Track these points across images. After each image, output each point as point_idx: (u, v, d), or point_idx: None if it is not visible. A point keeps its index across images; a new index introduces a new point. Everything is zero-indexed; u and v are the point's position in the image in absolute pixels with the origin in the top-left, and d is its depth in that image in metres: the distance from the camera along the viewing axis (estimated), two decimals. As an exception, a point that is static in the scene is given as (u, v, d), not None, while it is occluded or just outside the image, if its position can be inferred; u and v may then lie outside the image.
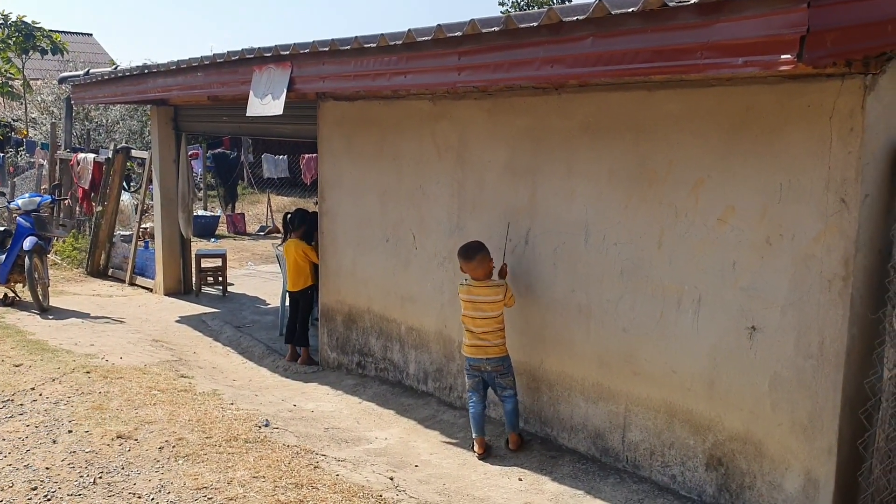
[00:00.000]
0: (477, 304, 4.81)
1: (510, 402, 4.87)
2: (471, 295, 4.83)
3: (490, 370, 4.83)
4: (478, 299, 4.81)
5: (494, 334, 4.81)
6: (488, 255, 4.84)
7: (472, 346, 4.84)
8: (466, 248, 4.88)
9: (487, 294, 4.80)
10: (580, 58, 3.48)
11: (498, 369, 4.82)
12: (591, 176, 4.50)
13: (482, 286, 4.81)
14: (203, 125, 9.61)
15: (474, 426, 4.88)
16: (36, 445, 4.59)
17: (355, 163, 6.41)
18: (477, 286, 4.82)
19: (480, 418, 4.88)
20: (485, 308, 4.80)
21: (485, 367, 4.83)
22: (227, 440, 4.75)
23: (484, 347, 4.81)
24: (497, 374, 4.83)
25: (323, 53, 5.04)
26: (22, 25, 17.96)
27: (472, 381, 4.91)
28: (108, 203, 11.02)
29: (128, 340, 7.46)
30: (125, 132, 18.70)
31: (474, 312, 4.82)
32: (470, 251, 4.85)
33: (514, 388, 4.88)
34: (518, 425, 4.92)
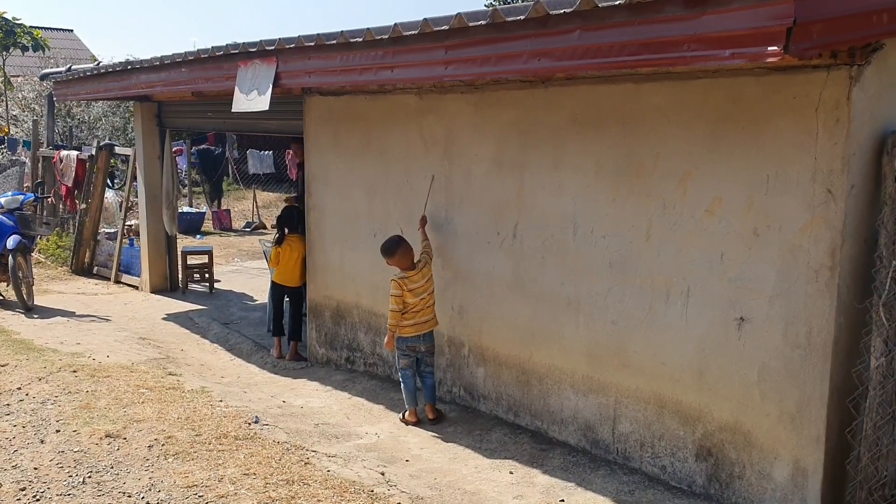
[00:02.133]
0: (418, 287, 5.21)
1: (431, 378, 5.38)
2: (412, 284, 5.20)
3: (424, 350, 5.32)
4: (418, 284, 5.21)
5: (430, 310, 5.31)
6: (408, 246, 5.28)
7: (415, 325, 5.25)
8: (388, 246, 5.32)
9: (424, 277, 5.25)
10: (568, 51, 3.48)
11: (430, 349, 5.34)
12: (579, 169, 4.50)
13: (415, 273, 5.23)
14: (187, 121, 9.55)
15: (409, 399, 5.37)
16: (24, 445, 4.55)
17: (342, 158, 6.39)
18: (411, 275, 5.22)
19: (415, 392, 5.38)
20: (425, 287, 5.24)
21: (419, 347, 5.30)
22: (216, 437, 4.73)
23: (426, 322, 5.28)
24: (428, 353, 5.35)
25: (308, 48, 5.02)
26: (3, 22, 17.73)
27: (408, 361, 5.34)
28: (93, 200, 10.93)
29: (114, 339, 7.42)
30: (108, 129, 18.56)
31: (419, 295, 5.22)
32: (392, 247, 5.29)
33: (433, 365, 5.42)
34: (436, 398, 5.43)
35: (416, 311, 5.22)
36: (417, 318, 5.24)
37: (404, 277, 5.19)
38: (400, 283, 5.18)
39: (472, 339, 5.36)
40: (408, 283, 5.18)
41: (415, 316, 5.23)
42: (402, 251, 5.24)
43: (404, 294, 5.17)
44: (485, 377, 5.28)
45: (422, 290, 5.22)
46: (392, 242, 5.30)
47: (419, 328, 5.25)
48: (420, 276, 5.22)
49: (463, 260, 5.37)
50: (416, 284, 5.19)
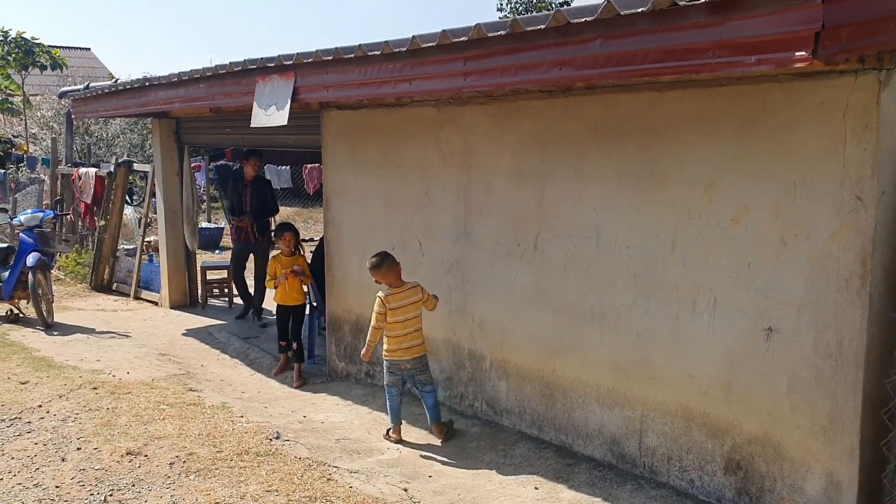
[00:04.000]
0: (402, 307, 5.12)
1: (431, 398, 5.22)
2: (395, 302, 5.11)
3: (409, 368, 5.19)
4: (403, 303, 5.12)
5: (417, 334, 5.18)
6: (392, 264, 5.15)
7: (398, 349, 5.17)
8: (372, 261, 5.20)
9: (409, 296, 5.14)
10: (589, 59, 3.43)
11: (416, 367, 5.20)
12: (601, 179, 4.46)
13: (400, 292, 5.14)
14: (205, 137, 9.58)
15: (393, 417, 5.32)
16: (45, 463, 4.54)
17: (359, 171, 6.37)
18: (396, 292, 5.14)
19: (399, 409, 5.33)
20: (410, 309, 5.14)
21: (404, 367, 5.19)
22: (238, 454, 4.70)
23: (408, 349, 5.16)
24: (416, 371, 5.21)
25: (327, 62, 5.01)
26: (22, 41, 17.93)
27: (393, 378, 5.27)
28: (111, 217, 10.99)
29: (134, 355, 7.41)
30: (126, 146, 18.68)
31: (402, 315, 5.12)
32: (376, 262, 5.18)
33: (432, 382, 5.28)
34: (440, 417, 5.26)
35: (401, 335, 5.12)
36: (403, 342, 5.13)
37: (388, 294, 5.11)
38: (383, 300, 5.10)
39: (493, 353, 5.31)
40: (391, 300, 5.09)
41: (401, 340, 5.13)
42: (386, 266, 5.13)
43: (386, 312, 5.09)
44: (507, 391, 5.22)
45: (405, 310, 5.11)
46: (376, 257, 5.20)
47: (405, 353, 5.16)
48: (405, 295, 5.11)
49: (483, 272, 5.33)
50: (399, 303, 5.09)
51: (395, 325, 5.11)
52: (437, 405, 5.26)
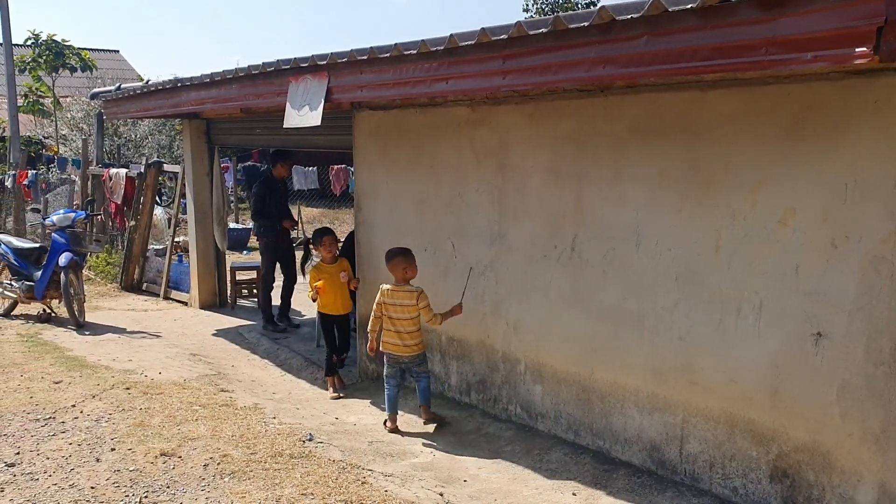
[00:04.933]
0: (396, 305, 5.36)
1: (424, 381, 5.49)
2: (391, 297, 5.38)
3: (406, 362, 5.43)
4: (396, 302, 5.36)
5: (412, 334, 5.38)
6: (405, 263, 5.37)
7: (393, 344, 5.41)
8: (388, 252, 5.49)
9: (402, 297, 5.35)
10: (634, 57, 3.35)
11: (413, 362, 5.45)
12: (642, 180, 4.37)
13: (399, 290, 5.37)
14: (236, 138, 9.59)
15: (389, 407, 5.48)
16: (80, 464, 4.53)
17: (391, 172, 6.33)
18: (395, 289, 5.39)
19: (395, 400, 5.50)
20: (402, 310, 5.34)
21: (402, 361, 5.43)
22: (272, 456, 4.67)
23: (403, 346, 5.38)
24: (413, 364, 5.45)
25: (361, 62, 4.95)
26: (52, 44, 18.18)
27: (392, 370, 5.48)
28: (141, 217, 11.04)
29: (165, 355, 7.43)
30: (154, 147, 18.84)
31: (395, 313, 5.36)
32: (388, 255, 5.46)
33: (427, 372, 5.54)
34: (429, 402, 5.51)
35: (392, 331, 5.37)
36: (397, 338, 5.37)
37: (389, 288, 5.40)
38: (382, 291, 5.43)
39: (528, 356, 5.24)
40: (388, 294, 5.38)
41: (394, 336, 5.38)
42: (396, 261, 5.38)
43: (383, 305, 5.39)
44: (542, 395, 5.15)
45: (396, 309, 5.34)
46: (392, 251, 5.46)
47: (398, 349, 5.39)
48: (405, 295, 5.32)
49: (518, 274, 5.25)
50: (396, 301, 5.34)
51: (389, 321, 5.39)
52: (429, 390, 5.52)
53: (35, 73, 18.75)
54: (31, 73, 18.75)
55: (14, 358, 6.93)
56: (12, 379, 6.26)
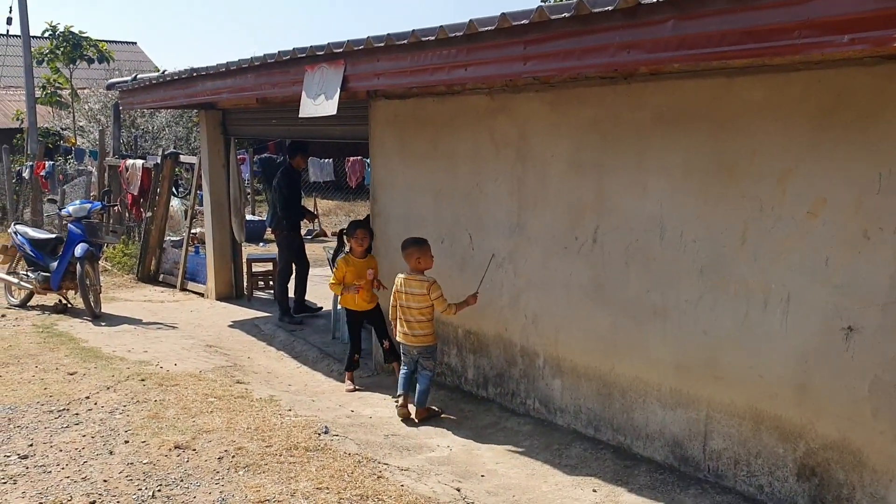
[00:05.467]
0: (408, 294, 5.36)
1: (424, 382, 5.42)
2: (405, 286, 5.38)
3: (416, 353, 5.44)
4: (407, 290, 5.35)
5: (421, 324, 5.38)
6: (418, 253, 5.33)
7: (403, 333, 5.45)
8: (404, 242, 5.48)
9: (414, 286, 5.33)
10: (660, 42, 3.24)
11: (423, 353, 5.44)
12: (666, 169, 4.26)
13: (412, 279, 5.36)
14: (252, 129, 9.53)
15: (401, 386, 5.51)
16: (93, 456, 4.49)
17: (408, 162, 6.24)
18: (408, 279, 5.38)
19: (408, 380, 5.50)
20: (412, 299, 5.34)
21: (411, 352, 5.45)
22: (287, 449, 4.61)
23: (412, 336, 5.40)
24: (422, 356, 5.45)
25: (378, 49, 4.86)
26: (70, 35, 18.19)
27: (406, 358, 5.54)
28: (158, 208, 11.03)
29: (181, 346, 7.39)
30: (171, 138, 18.84)
31: (406, 302, 5.37)
32: (403, 244, 5.46)
33: (431, 370, 5.48)
34: (425, 403, 5.43)
35: (403, 319, 5.42)
36: (406, 327, 5.41)
37: (402, 277, 5.41)
38: (397, 280, 5.45)
39: (547, 350, 5.14)
40: (403, 283, 5.39)
41: (404, 325, 5.42)
42: (410, 251, 5.37)
43: (397, 293, 5.43)
44: (562, 389, 5.05)
45: (407, 298, 5.35)
46: (408, 240, 5.46)
47: (406, 338, 5.43)
48: (416, 284, 5.32)
49: (537, 266, 5.16)
50: (408, 290, 5.35)
51: (401, 310, 5.42)
52: (427, 392, 5.44)
53: (53, 64, 18.79)
54: (50, 64, 18.79)
55: (29, 349, 6.92)
56: (27, 370, 6.24)
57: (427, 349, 5.43)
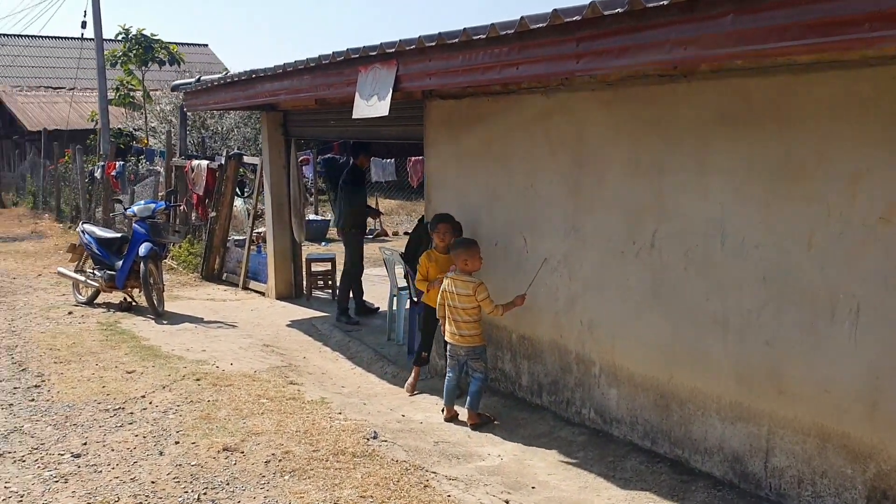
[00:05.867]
0: (454, 294, 5.30)
1: (476, 384, 5.32)
2: (452, 286, 5.33)
3: (463, 354, 5.35)
4: (454, 290, 5.30)
5: (468, 325, 5.30)
6: (466, 254, 5.28)
7: (450, 333, 5.39)
8: (451, 242, 5.52)
9: (460, 287, 5.29)
10: (719, 38, 3.05)
11: (470, 354, 5.34)
12: (727, 171, 4.05)
13: (459, 279, 5.31)
14: (311, 130, 9.57)
15: (446, 397, 5.48)
16: (143, 457, 4.52)
17: (462, 163, 6.13)
18: (455, 279, 5.33)
19: (453, 392, 5.46)
20: (459, 300, 5.28)
21: (459, 353, 5.36)
22: (334, 454, 4.56)
23: (459, 336, 5.32)
24: (469, 357, 5.35)
25: (429, 49, 4.77)
26: (142, 38, 18.64)
27: (451, 361, 5.45)
28: (222, 209, 11.18)
29: (239, 346, 7.45)
30: (239, 139, 19.16)
31: (453, 302, 5.31)
32: (452, 244, 5.48)
33: (483, 371, 5.37)
34: (477, 406, 5.34)
35: (450, 319, 5.36)
36: (454, 326, 5.35)
37: (450, 277, 5.38)
38: (444, 280, 5.43)
39: (603, 358, 4.97)
40: (451, 283, 5.34)
41: (451, 325, 5.36)
42: (458, 251, 5.35)
43: (445, 293, 5.38)
44: (618, 399, 4.88)
45: (458, 298, 5.28)
46: (455, 241, 5.49)
47: (453, 338, 5.37)
48: (463, 285, 5.27)
49: (593, 270, 4.99)
50: (455, 290, 5.30)
51: (448, 309, 5.36)
52: (479, 394, 5.34)
53: (126, 66, 19.29)
54: (123, 66, 19.30)
55: (91, 347, 7.06)
56: (87, 367, 6.37)
57: (475, 350, 5.35)
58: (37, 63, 29.44)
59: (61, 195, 18.99)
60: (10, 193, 24.93)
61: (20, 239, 15.75)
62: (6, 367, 6.48)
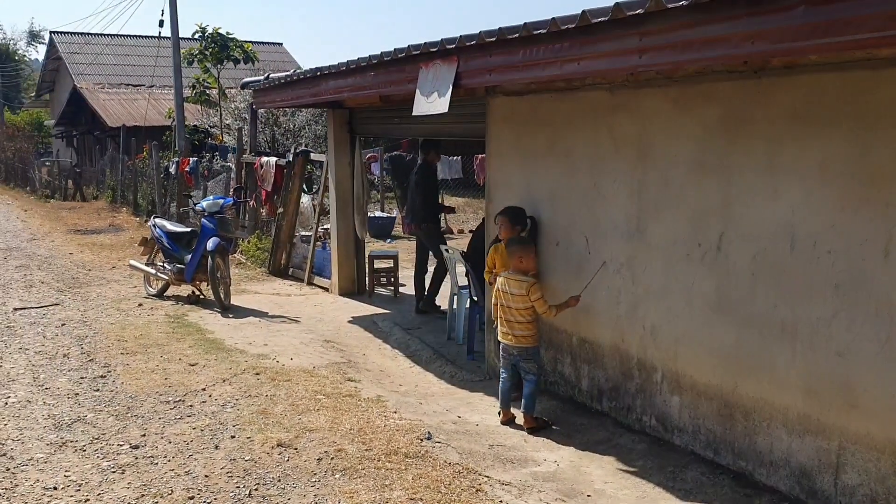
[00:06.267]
0: (507, 294, 5.22)
1: (529, 387, 5.22)
2: (505, 286, 5.24)
3: (515, 354, 5.25)
4: (506, 290, 5.22)
5: (522, 325, 5.20)
6: (520, 252, 5.21)
7: (503, 333, 5.30)
8: (506, 241, 5.45)
9: (513, 286, 5.19)
10: (789, 31, 2.89)
11: (522, 355, 5.24)
12: (799, 172, 3.85)
13: (513, 279, 5.21)
14: (376, 127, 9.58)
15: (501, 400, 5.41)
16: (199, 450, 4.57)
17: (524, 162, 6.03)
18: (509, 278, 5.23)
19: (508, 394, 5.37)
20: (513, 300, 5.18)
21: (511, 351, 5.27)
22: (386, 454, 4.52)
23: (512, 335, 5.23)
24: (521, 357, 5.25)
25: (490, 44, 4.69)
26: (217, 37, 19.04)
27: (504, 362, 5.37)
28: (289, 205, 11.31)
29: (300, 341, 7.50)
30: (311, 136, 19.38)
31: (506, 302, 5.22)
32: (507, 242, 5.39)
33: (535, 374, 5.24)
34: (533, 409, 5.23)
35: (503, 319, 5.27)
36: (507, 326, 5.26)
37: (504, 277, 5.29)
38: (498, 279, 5.36)
39: (665, 364, 4.81)
40: (504, 282, 5.25)
41: (504, 324, 5.28)
42: (513, 249, 5.27)
43: (498, 293, 5.31)
44: (680, 407, 4.71)
45: (511, 298, 5.19)
46: (512, 239, 5.42)
47: (506, 338, 5.28)
48: (516, 284, 5.17)
49: (657, 274, 4.83)
50: (508, 289, 5.21)
51: (501, 309, 5.27)
52: (534, 396, 5.24)
53: (203, 64, 19.74)
54: (199, 64, 19.75)
55: (158, 339, 7.21)
56: (152, 359, 6.50)
57: (528, 351, 5.25)
58: (118, 61, 30.43)
59: (138, 190, 19.55)
60: (90, 187, 25.82)
61: (98, 232, 16.27)
62: (76, 357, 6.66)
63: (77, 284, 10.19)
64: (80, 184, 25.72)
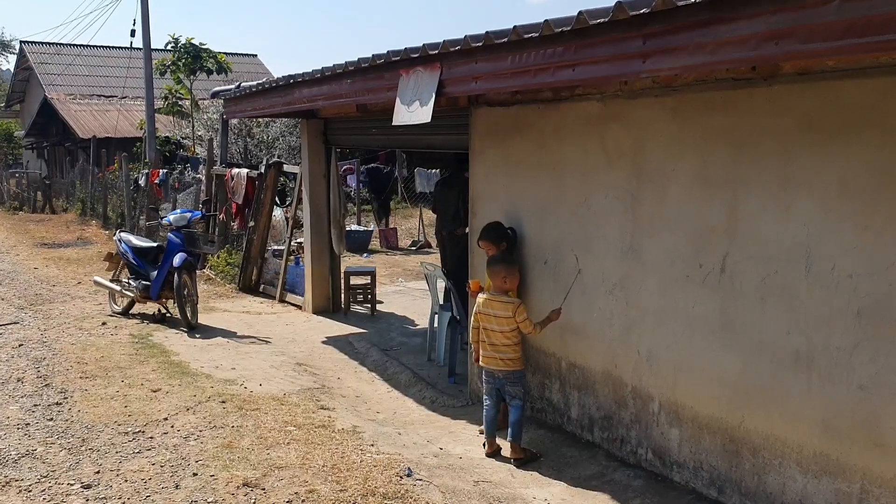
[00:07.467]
0: (489, 316, 4.93)
1: (515, 413, 4.91)
2: (486, 307, 4.95)
3: (501, 378, 4.96)
4: (490, 312, 4.93)
5: (508, 347, 4.91)
6: (505, 272, 4.92)
7: (486, 356, 4.99)
8: (489, 258, 5.15)
9: (497, 308, 4.90)
10: (819, 29, 2.57)
11: (509, 378, 4.95)
12: (815, 188, 3.53)
13: (495, 300, 4.93)
14: (352, 138, 9.20)
15: (486, 428, 5.07)
16: (157, 490, 4.15)
17: (510, 175, 5.68)
18: (491, 299, 4.94)
19: (493, 422, 5.04)
20: (496, 322, 4.90)
21: (496, 375, 4.98)
22: (363, 495, 4.13)
23: (498, 359, 4.94)
24: (507, 381, 4.95)
25: (476, 49, 4.35)
26: (190, 48, 18.59)
27: (488, 387, 5.07)
28: (261, 218, 10.89)
29: (270, 364, 7.08)
30: (285, 148, 18.94)
31: (489, 324, 4.93)
32: (490, 261, 5.09)
33: (521, 398, 4.97)
34: (520, 438, 4.93)
35: (486, 342, 4.97)
36: (491, 350, 4.96)
37: (484, 298, 5.00)
38: (478, 301, 5.05)
39: (663, 393, 4.46)
40: (484, 303, 4.96)
41: (488, 348, 4.97)
42: (498, 269, 4.96)
43: (478, 315, 5.01)
44: (680, 441, 4.36)
45: (494, 320, 4.90)
46: (493, 257, 5.15)
47: (490, 362, 4.98)
48: (500, 306, 4.89)
49: (653, 296, 4.50)
50: (490, 311, 4.93)
51: (483, 332, 4.98)
52: (520, 423, 4.94)
53: (175, 75, 19.26)
54: (173, 75, 19.27)
55: (120, 361, 6.77)
56: (112, 384, 6.06)
57: (513, 374, 4.96)
58: (90, 72, 29.76)
59: (108, 202, 18.99)
60: (60, 200, 25.15)
61: (66, 245, 15.71)
62: (30, 382, 6.20)
63: (39, 301, 9.68)
64: (50, 196, 25.03)
